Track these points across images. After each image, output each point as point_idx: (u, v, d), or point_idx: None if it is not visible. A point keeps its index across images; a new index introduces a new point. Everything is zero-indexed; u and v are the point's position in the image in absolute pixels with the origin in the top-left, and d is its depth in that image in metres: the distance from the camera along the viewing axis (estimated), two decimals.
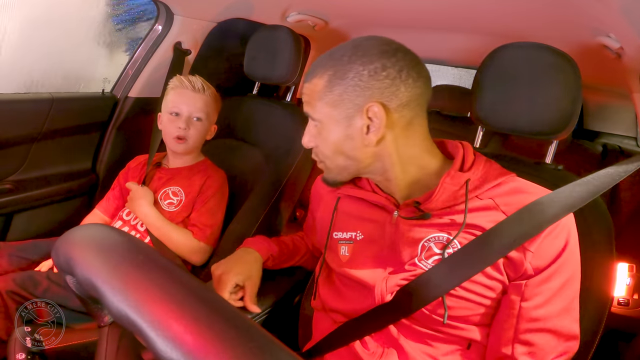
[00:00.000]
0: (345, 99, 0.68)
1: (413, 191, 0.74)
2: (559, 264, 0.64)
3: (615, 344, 1.35)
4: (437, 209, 0.70)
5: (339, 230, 0.82)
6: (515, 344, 0.65)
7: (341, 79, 0.68)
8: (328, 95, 0.69)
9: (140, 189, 1.18)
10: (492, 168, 0.72)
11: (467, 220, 0.68)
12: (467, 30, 1.33)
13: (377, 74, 0.66)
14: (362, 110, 0.67)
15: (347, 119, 0.69)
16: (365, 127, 0.68)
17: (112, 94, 1.50)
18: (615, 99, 2.12)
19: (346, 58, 0.68)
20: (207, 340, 0.26)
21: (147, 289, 0.29)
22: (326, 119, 0.70)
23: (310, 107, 0.72)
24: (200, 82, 1.19)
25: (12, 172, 1.29)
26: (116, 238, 0.33)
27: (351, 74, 0.67)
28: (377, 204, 0.77)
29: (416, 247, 0.71)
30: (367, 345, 0.73)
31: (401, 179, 0.73)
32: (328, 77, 0.69)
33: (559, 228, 0.65)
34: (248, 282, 0.88)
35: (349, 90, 0.67)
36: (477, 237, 0.66)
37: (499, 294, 0.67)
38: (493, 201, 0.68)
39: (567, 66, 0.75)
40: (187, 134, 1.18)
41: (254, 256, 0.93)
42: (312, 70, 0.72)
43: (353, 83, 0.67)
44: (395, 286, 0.70)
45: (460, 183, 0.69)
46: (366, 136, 0.69)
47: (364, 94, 0.67)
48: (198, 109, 1.18)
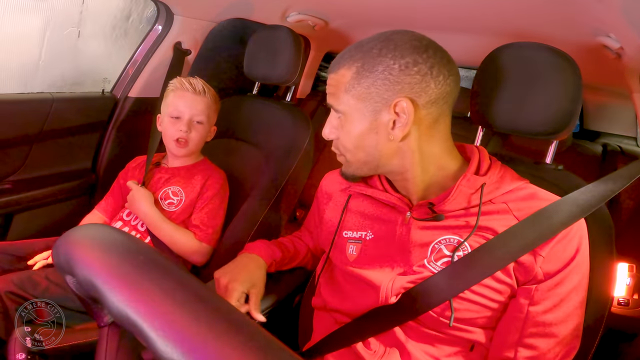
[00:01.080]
0: (373, 92, 0.67)
1: (429, 192, 0.74)
2: (569, 269, 0.64)
3: (615, 344, 1.35)
4: (450, 211, 0.70)
5: (349, 229, 0.81)
6: (518, 347, 0.65)
7: (370, 71, 0.66)
8: (355, 88, 0.67)
9: (141, 189, 1.17)
10: (507, 173, 0.72)
11: (479, 223, 0.67)
12: (467, 30, 1.33)
13: (408, 69, 0.65)
14: (390, 105, 0.66)
15: (374, 112, 0.68)
16: (392, 122, 0.67)
17: (112, 94, 1.49)
18: (615, 99, 2.12)
19: (376, 50, 0.67)
20: (208, 340, 0.26)
21: (148, 290, 0.29)
22: (351, 111, 0.69)
23: (335, 99, 0.70)
24: (201, 84, 1.19)
25: (12, 172, 1.29)
26: (116, 238, 0.33)
27: (381, 67, 0.66)
28: (389, 203, 0.77)
29: (426, 249, 0.70)
30: (369, 344, 0.72)
31: (420, 178, 0.72)
32: (356, 68, 0.67)
33: (571, 234, 0.65)
34: (253, 290, 0.86)
35: (378, 84, 0.66)
36: (488, 241, 0.66)
37: (507, 298, 0.67)
38: (507, 205, 0.68)
39: (568, 66, 0.75)
40: (189, 137, 1.17)
41: (258, 263, 0.92)
42: (339, 61, 0.70)
43: (383, 76, 0.66)
44: (401, 288, 0.70)
45: (475, 187, 0.69)
46: (391, 131, 0.68)
47: (393, 88, 0.65)
48: (199, 111, 1.18)
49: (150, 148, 1.28)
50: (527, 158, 0.89)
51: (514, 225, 0.66)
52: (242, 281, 0.85)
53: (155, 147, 1.27)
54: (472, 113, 0.87)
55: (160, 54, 1.46)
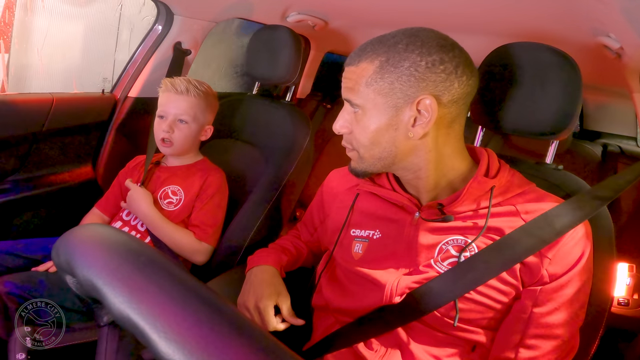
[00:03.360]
0: (396, 87, 0.66)
1: (439, 192, 0.74)
2: (574, 272, 0.65)
3: (615, 344, 1.35)
4: (459, 212, 0.70)
5: (356, 228, 0.81)
6: (520, 348, 0.65)
7: (395, 66, 0.65)
8: (378, 82, 0.66)
9: (140, 190, 1.17)
10: (515, 177, 0.73)
11: (488, 225, 0.67)
12: (467, 30, 1.33)
13: (434, 67, 0.65)
14: (413, 102, 0.66)
15: (395, 108, 0.67)
16: (412, 119, 0.67)
17: (111, 94, 1.49)
18: (615, 99, 2.12)
19: (402, 46, 0.66)
20: (209, 341, 0.26)
21: (149, 290, 0.29)
22: (370, 106, 0.68)
23: (353, 93, 0.69)
24: (185, 83, 1.16)
25: (12, 172, 1.29)
26: (117, 238, 0.33)
27: (407, 63, 0.65)
28: (398, 203, 0.76)
29: (434, 250, 0.70)
30: (371, 344, 0.72)
31: (432, 177, 0.72)
32: (380, 62, 0.66)
33: (578, 237, 0.65)
34: (280, 298, 0.84)
35: (403, 80, 0.65)
36: (494, 242, 0.66)
37: (512, 299, 0.67)
38: (515, 208, 0.69)
39: (568, 66, 0.75)
40: (172, 137, 1.16)
41: (271, 272, 0.90)
42: (360, 54, 0.69)
43: (408, 72, 0.65)
44: (406, 288, 0.70)
45: (485, 189, 0.69)
46: (411, 128, 0.67)
47: (418, 85, 0.65)
48: (182, 111, 1.16)
49: (149, 148, 1.28)
50: (527, 158, 0.89)
51: (520, 227, 0.66)
52: (268, 296, 0.83)
53: (154, 147, 1.27)
54: (472, 113, 0.87)
55: (160, 54, 1.46)
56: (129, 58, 1.49)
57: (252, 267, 0.92)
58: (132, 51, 1.49)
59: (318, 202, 0.96)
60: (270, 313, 0.81)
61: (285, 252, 0.96)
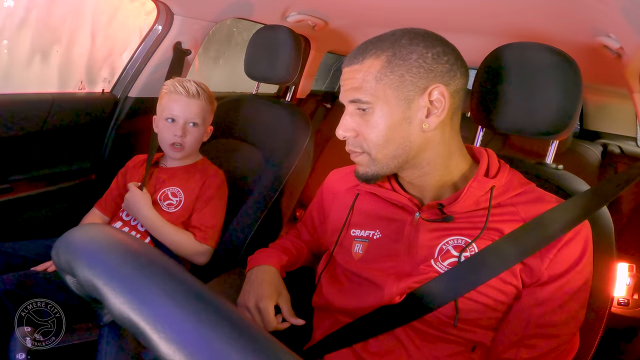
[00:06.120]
0: (407, 80, 0.66)
1: (443, 191, 0.74)
2: (574, 272, 0.65)
3: (615, 343, 1.35)
4: (459, 213, 0.70)
5: (356, 228, 0.81)
6: (520, 347, 0.65)
7: (403, 59, 0.66)
8: (388, 76, 0.67)
9: (138, 193, 1.16)
10: (515, 177, 0.73)
11: (488, 225, 0.68)
12: (467, 30, 1.33)
13: (439, 57, 0.67)
14: (425, 93, 0.67)
15: (407, 101, 0.67)
16: (426, 110, 0.67)
17: (112, 93, 1.49)
18: (615, 99, 2.12)
19: (406, 40, 0.67)
20: (210, 341, 0.26)
21: (150, 291, 0.29)
22: (382, 102, 0.68)
23: (361, 91, 0.68)
24: (195, 86, 1.17)
25: (12, 172, 1.29)
26: (117, 239, 0.33)
27: (414, 55, 0.66)
28: (398, 203, 0.76)
29: (434, 250, 0.70)
30: (371, 344, 0.72)
31: (439, 172, 0.73)
32: (387, 57, 0.67)
33: (578, 237, 0.65)
34: (281, 299, 0.84)
35: (413, 71, 0.66)
36: (494, 242, 0.66)
37: (512, 299, 0.67)
38: (515, 208, 0.69)
39: (568, 66, 0.75)
40: (184, 141, 1.16)
41: (271, 271, 0.89)
42: (362, 52, 0.69)
43: (417, 64, 0.66)
44: (407, 288, 0.70)
45: (485, 189, 0.69)
46: (425, 119, 0.68)
47: (427, 75, 0.66)
48: (194, 115, 1.16)
49: (150, 148, 1.27)
50: (527, 158, 0.89)
51: (520, 227, 0.66)
52: (268, 295, 0.83)
53: (155, 148, 1.27)
54: (472, 113, 0.87)
55: (160, 54, 1.46)
56: (129, 58, 1.50)
57: (253, 267, 0.92)
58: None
59: (318, 202, 0.96)
60: (270, 313, 0.81)
61: (286, 252, 0.96)
